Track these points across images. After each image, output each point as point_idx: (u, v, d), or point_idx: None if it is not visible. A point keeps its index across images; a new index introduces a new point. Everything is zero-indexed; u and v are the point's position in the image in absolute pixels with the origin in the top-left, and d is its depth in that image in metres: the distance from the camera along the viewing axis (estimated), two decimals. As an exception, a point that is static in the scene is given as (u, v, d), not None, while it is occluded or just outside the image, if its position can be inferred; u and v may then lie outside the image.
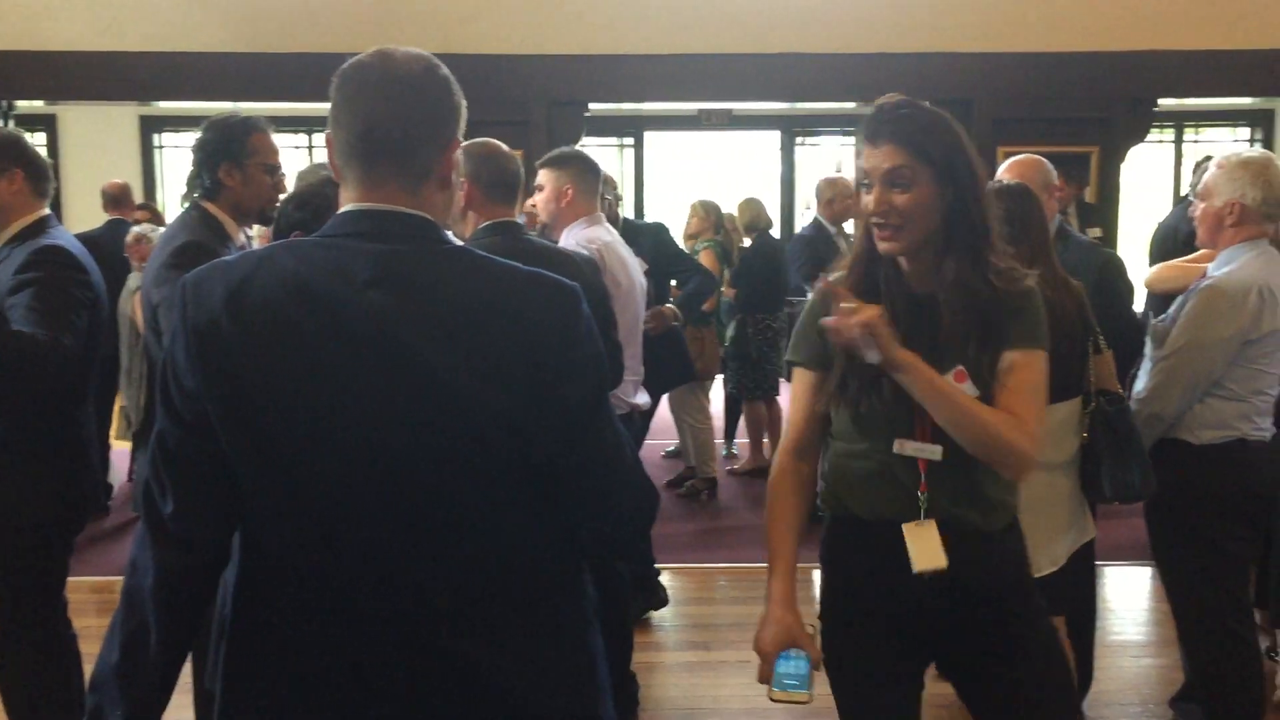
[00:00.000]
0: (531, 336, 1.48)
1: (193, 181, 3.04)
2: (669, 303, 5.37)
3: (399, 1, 7.55)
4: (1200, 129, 11.06)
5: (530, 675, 1.55)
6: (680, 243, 6.80)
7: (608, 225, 3.91)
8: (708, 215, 6.71)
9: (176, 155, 10.92)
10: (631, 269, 3.86)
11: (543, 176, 3.76)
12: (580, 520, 1.60)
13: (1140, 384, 3.18)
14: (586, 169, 3.80)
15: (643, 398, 4.02)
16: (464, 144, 3.11)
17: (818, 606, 2.24)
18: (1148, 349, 3.21)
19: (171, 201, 10.64)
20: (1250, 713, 3.17)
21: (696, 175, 11.23)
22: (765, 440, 7.02)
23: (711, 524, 6.14)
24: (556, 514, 1.57)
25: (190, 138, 3.17)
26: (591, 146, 10.61)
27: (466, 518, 1.50)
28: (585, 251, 3.49)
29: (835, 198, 6.24)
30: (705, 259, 6.38)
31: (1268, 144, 10.77)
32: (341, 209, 1.56)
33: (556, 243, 3.64)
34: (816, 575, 2.26)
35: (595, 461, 1.56)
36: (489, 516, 1.51)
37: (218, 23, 7.38)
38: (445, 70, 1.58)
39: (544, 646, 1.57)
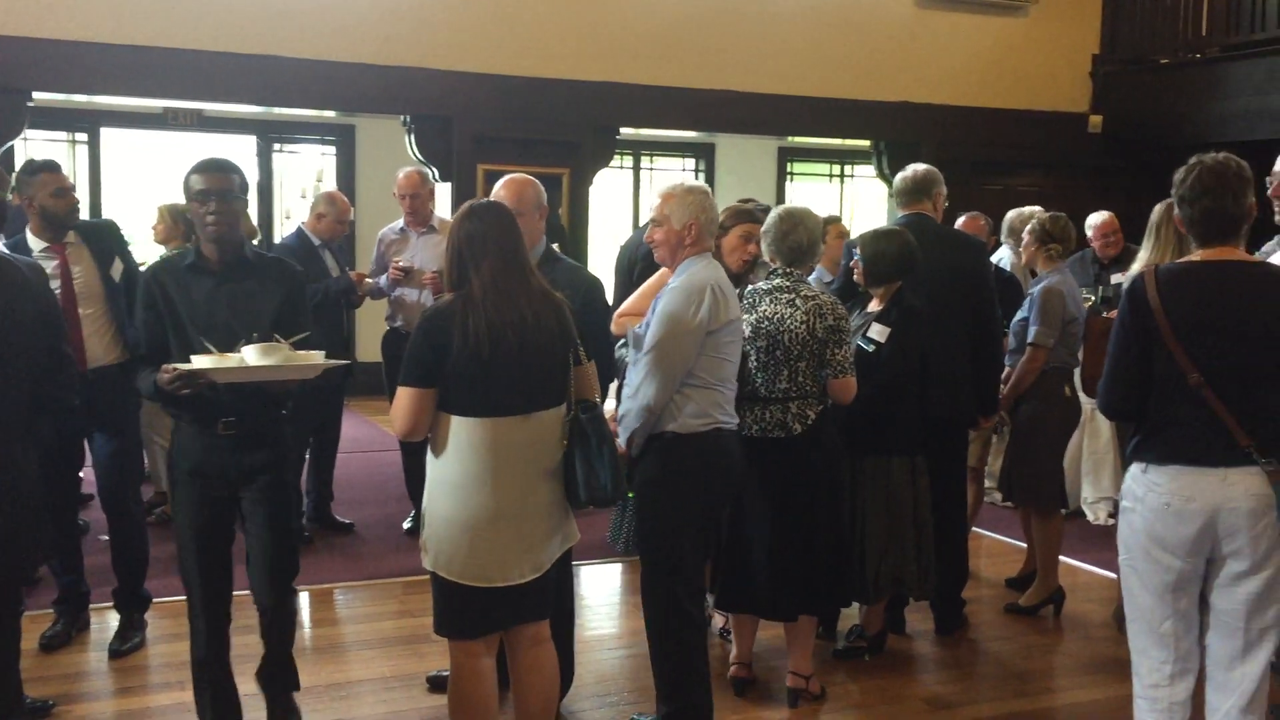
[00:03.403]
0: None
1: None
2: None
3: None
4: (655, 158, 12.17)
5: None
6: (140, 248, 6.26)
7: None
8: (175, 222, 6.19)
9: None
10: None
11: None
12: None
13: (627, 383, 3.48)
14: None
15: None
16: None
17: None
18: (629, 354, 3.54)
19: None
20: (698, 689, 3.53)
21: (164, 177, 10.43)
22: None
23: (185, 553, 5.68)
24: None
25: None
26: (38, 141, 9.50)
27: None
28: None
29: (329, 215, 6.04)
30: (173, 267, 5.92)
31: (709, 173, 12.09)
32: None
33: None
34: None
35: None
36: None
37: None
38: None
39: None
